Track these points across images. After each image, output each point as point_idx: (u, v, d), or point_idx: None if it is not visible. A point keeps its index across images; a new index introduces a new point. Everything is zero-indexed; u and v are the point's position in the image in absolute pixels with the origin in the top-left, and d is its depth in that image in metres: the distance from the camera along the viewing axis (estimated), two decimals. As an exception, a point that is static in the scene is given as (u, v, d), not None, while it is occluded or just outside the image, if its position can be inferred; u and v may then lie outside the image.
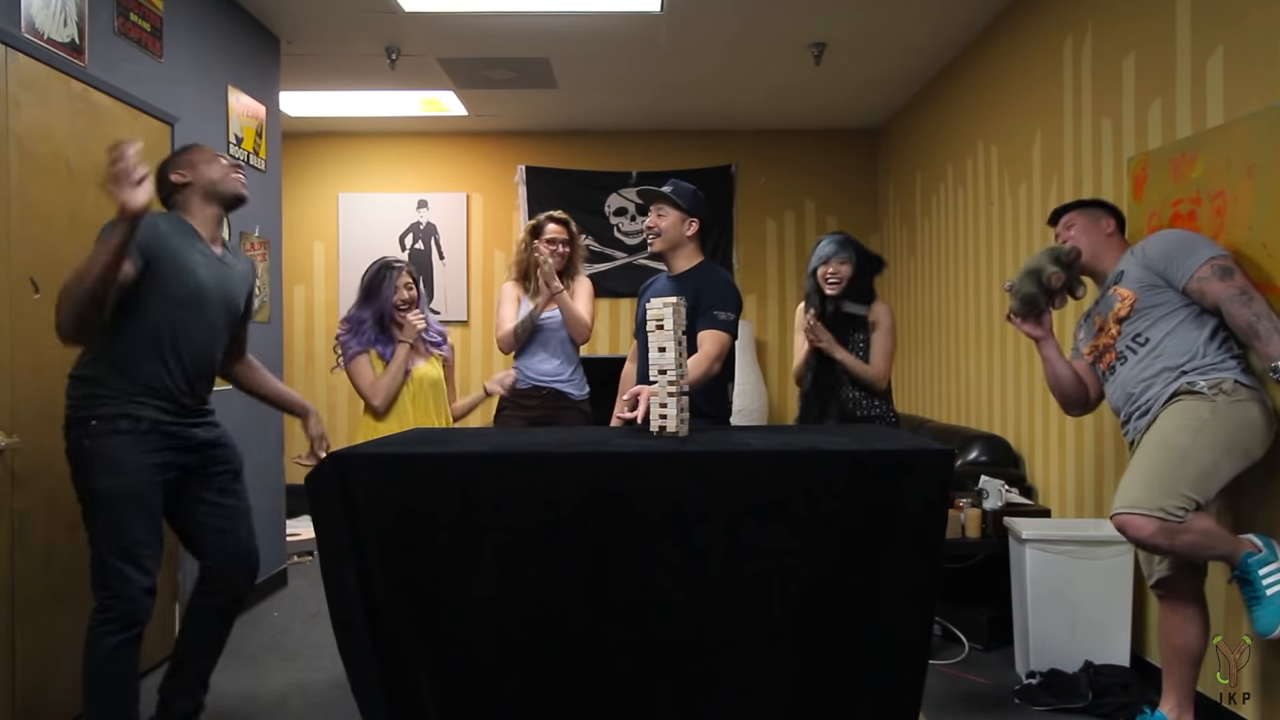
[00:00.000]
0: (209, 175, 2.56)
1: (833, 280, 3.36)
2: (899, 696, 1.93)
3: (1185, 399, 2.47)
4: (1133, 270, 2.65)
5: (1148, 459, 2.45)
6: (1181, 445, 2.40)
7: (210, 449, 2.62)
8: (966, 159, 4.96)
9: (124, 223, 2.15)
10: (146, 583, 2.41)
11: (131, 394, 2.40)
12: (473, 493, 1.91)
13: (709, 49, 4.98)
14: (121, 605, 2.37)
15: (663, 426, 2.18)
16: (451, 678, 1.94)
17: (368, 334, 3.28)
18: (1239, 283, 2.46)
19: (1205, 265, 2.50)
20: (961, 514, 3.63)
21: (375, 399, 3.21)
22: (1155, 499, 2.36)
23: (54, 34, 2.91)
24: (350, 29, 4.64)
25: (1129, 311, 2.62)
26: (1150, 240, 2.68)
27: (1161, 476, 2.39)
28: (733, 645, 1.92)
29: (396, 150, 6.74)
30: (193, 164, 2.56)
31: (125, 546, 2.37)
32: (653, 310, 2.17)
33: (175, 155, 2.62)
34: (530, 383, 3.70)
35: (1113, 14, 3.44)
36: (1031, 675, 3.19)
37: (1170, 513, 2.34)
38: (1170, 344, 2.54)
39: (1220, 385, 2.44)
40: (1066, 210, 2.90)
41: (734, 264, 6.75)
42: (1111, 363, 2.70)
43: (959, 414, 5.10)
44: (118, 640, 2.36)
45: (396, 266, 3.35)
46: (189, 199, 2.56)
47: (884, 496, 1.87)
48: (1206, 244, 2.57)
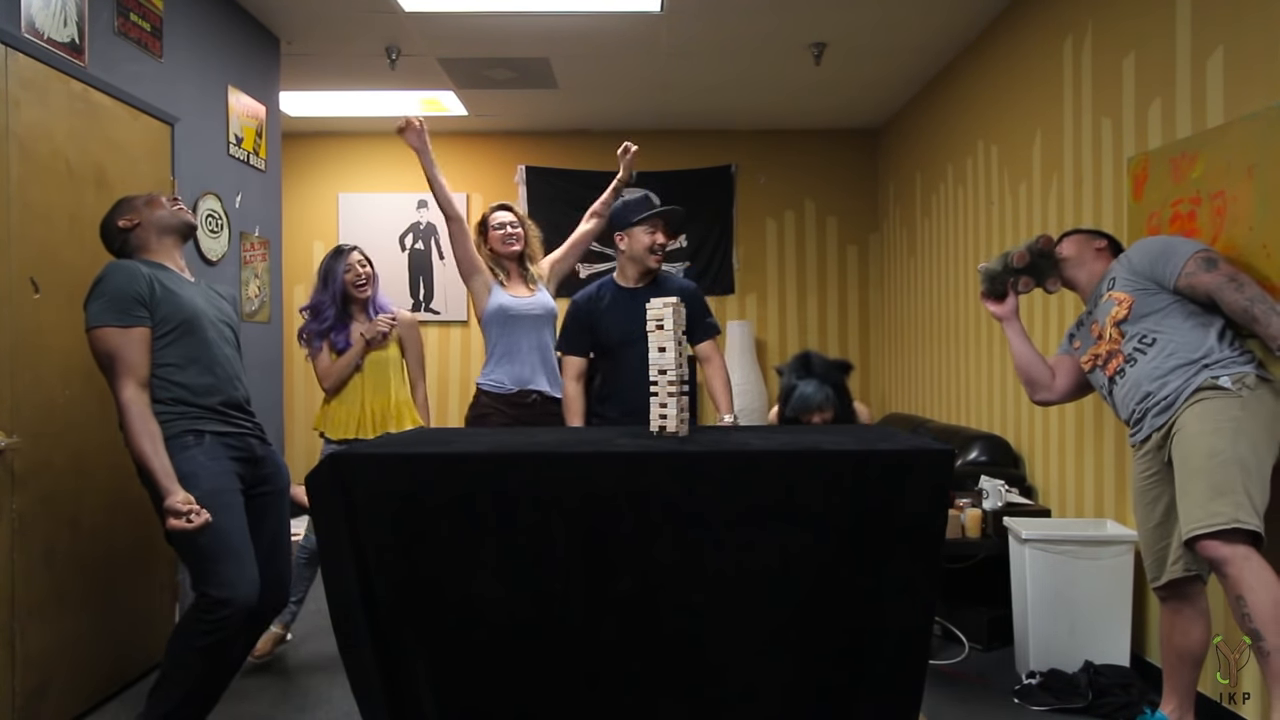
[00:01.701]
0: (154, 215, 2.60)
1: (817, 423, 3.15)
2: (899, 696, 1.93)
3: (1210, 397, 2.41)
4: (1123, 275, 2.66)
5: (1200, 473, 2.34)
6: (1225, 451, 2.32)
7: (261, 466, 2.67)
8: (966, 159, 4.96)
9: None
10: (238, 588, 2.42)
11: (185, 413, 2.48)
12: (473, 493, 1.91)
13: (709, 49, 4.98)
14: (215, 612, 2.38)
15: (663, 426, 2.18)
16: (451, 677, 1.94)
17: (327, 316, 3.55)
18: (1226, 270, 2.46)
19: (1190, 260, 2.51)
20: (961, 514, 3.63)
21: (325, 382, 3.60)
22: (1229, 511, 2.26)
23: (54, 34, 2.91)
24: (350, 29, 4.64)
25: (1127, 314, 2.61)
26: (1133, 249, 2.70)
27: (1220, 488, 2.29)
28: (732, 645, 1.92)
29: (396, 150, 6.73)
30: (135, 208, 2.60)
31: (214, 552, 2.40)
32: (653, 310, 2.17)
33: (114, 207, 2.64)
34: (517, 387, 3.40)
35: (1113, 14, 3.44)
36: (1031, 675, 3.19)
37: (1245, 521, 2.24)
38: (1182, 339, 2.52)
39: (1244, 380, 2.39)
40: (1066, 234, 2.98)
41: (734, 264, 6.75)
42: (1120, 366, 2.63)
43: (959, 414, 5.10)
44: (207, 641, 2.39)
45: (345, 249, 3.62)
46: (144, 238, 2.59)
47: (884, 496, 1.87)
48: (1186, 242, 2.59)
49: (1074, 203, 3.73)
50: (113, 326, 2.38)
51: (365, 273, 3.59)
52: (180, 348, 2.50)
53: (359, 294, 3.59)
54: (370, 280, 3.61)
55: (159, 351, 2.46)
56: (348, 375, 3.56)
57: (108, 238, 2.61)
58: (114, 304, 2.39)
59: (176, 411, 2.47)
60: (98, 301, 2.40)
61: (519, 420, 3.39)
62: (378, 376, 3.61)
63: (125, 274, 2.44)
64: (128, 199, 2.66)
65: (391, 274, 6.72)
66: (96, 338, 2.40)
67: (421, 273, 6.76)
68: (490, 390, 3.41)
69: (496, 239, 3.46)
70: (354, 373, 3.56)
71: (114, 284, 2.41)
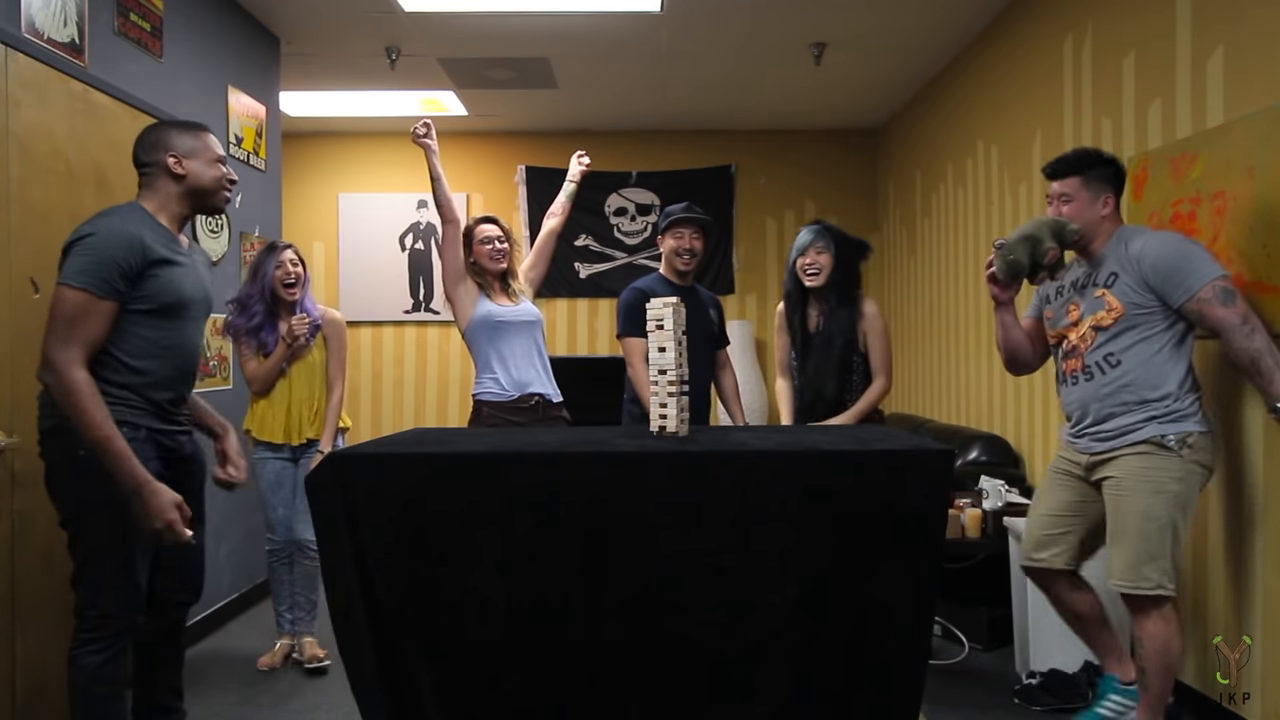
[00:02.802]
0: (202, 180, 2.37)
1: (811, 271, 3.24)
2: (899, 696, 1.93)
3: (1153, 453, 2.50)
4: (1126, 279, 2.54)
5: (1134, 535, 2.51)
6: (1162, 517, 2.49)
7: (189, 463, 2.47)
8: (966, 159, 4.96)
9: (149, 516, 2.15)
10: (140, 597, 2.29)
11: (129, 401, 2.26)
12: (473, 492, 1.91)
13: (709, 49, 4.98)
14: (115, 623, 2.23)
15: (663, 426, 2.18)
16: (452, 677, 1.94)
17: (255, 311, 3.45)
18: (1241, 310, 2.39)
19: (1207, 286, 2.41)
20: (961, 514, 3.63)
21: (252, 386, 3.52)
22: (1155, 577, 2.49)
23: (54, 34, 2.90)
24: (350, 29, 4.64)
25: (1111, 324, 2.55)
26: (1150, 246, 2.52)
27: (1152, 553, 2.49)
28: (733, 645, 1.92)
29: (396, 150, 6.74)
30: (194, 154, 2.35)
31: (124, 559, 2.23)
32: (653, 310, 2.17)
33: (178, 131, 2.37)
34: (518, 391, 3.30)
35: (1113, 14, 3.44)
36: (1031, 675, 3.19)
37: (1166, 587, 2.49)
38: (1143, 374, 2.51)
39: (1186, 440, 2.49)
40: (1067, 169, 2.70)
41: (734, 264, 6.75)
42: (1075, 371, 2.65)
43: (959, 414, 5.10)
44: (104, 658, 2.22)
45: (280, 247, 3.51)
46: (166, 187, 2.33)
47: (884, 496, 1.87)
48: (1207, 260, 2.47)
49: (1074, 203, 3.73)
50: (88, 292, 2.12)
51: (296, 272, 3.45)
52: (154, 331, 2.27)
53: (287, 294, 3.44)
54: (300, 282, 3.46)
55: (129, 329, 2.23)
56: (274, 379, 3.47)
57: (143, 152, 2.34)
58: (99, 268, 2.13)
59: (119, 397, 2.22)
60: (84, 257, 2.14)
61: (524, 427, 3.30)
62: (304, 380, 3.51)
63: (122, 240, 2.18)
64: (196, 132, 2.39)
65: (391, 274, 6.72)
66: (66, 296, 2.12)
67: (421, 273, 6.76)
68: (490, 399, 3.29)
69: (483, 254, 3.37)
70: (279, 376, 3.47)
71: (107, 247, 2.16)
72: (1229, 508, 2.77)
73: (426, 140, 3.28)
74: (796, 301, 3.33)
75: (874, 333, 3.27)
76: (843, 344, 3.24)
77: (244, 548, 4.24)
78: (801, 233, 3.32)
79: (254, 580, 4.34)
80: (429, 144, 3.28)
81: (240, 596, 4.19)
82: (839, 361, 3.24)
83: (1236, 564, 2.75)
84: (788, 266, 3.34)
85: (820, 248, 3.25)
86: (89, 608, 2.23)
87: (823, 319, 3.28)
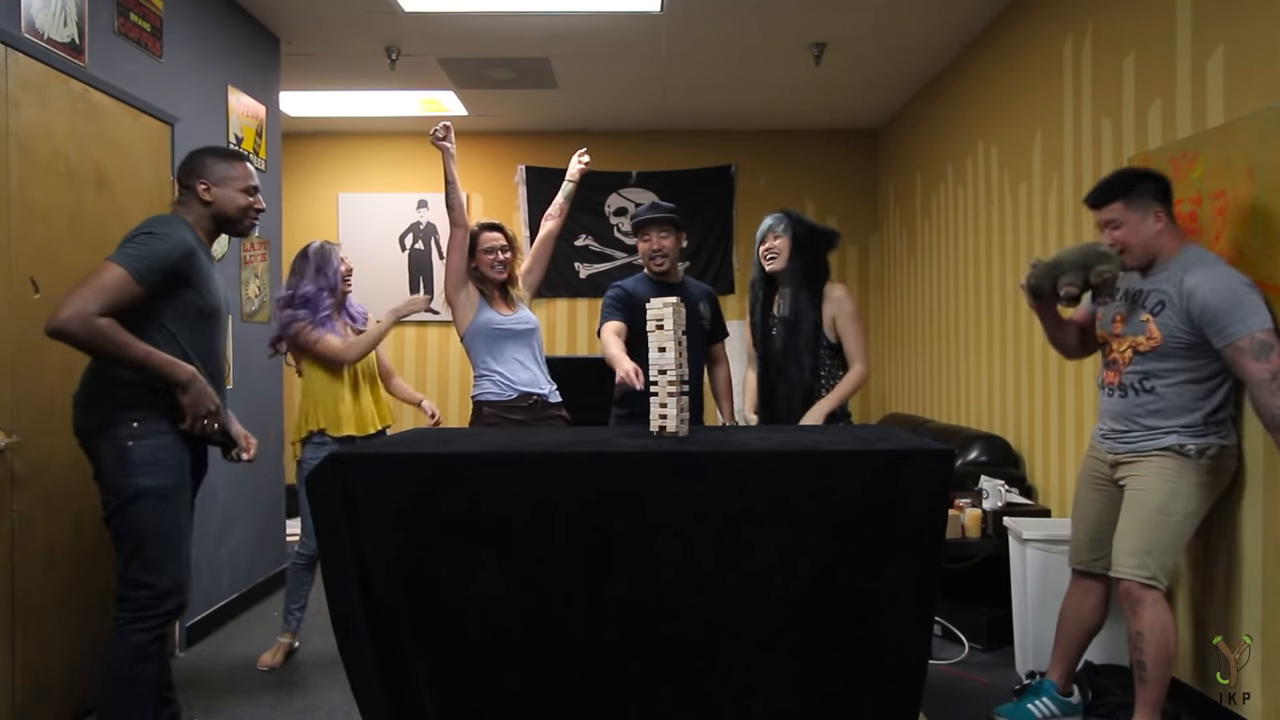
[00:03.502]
0: (226, 208, 2.54)
1: (770, 256, 3.22)
2: (899, 696, 1.93)
3: (1175, 459, 2.58)
4: (1172, 312, 2.55)
5: (1145, 525, 2.59)
6: (1175, 515, 2.57)
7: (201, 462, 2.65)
8: (966, 159, 4.96)
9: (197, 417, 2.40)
10: (189, 577, 2.48)
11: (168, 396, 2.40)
12: (473, 492, 1.91)
13: (709, 49, 4.98)
14: (168, 600, 2.38)
15: (663, 426, 2.18)
16: (451, 676, 1.94)
17: (326, 306, 3.47)
18: (1273, 365, 2.38)
19: (1248, 337, 2.41)
20: (961, 514, 3.63)
21: (349, 353, 3.46)
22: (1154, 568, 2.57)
23: (54, 34, 2.90)
24: (350, 29, 4.64)
25: (1150, 350, 2.61)
26: (1204, 286, 2.49)
27: (1158, 544, 2.57)
28: (733, 645, 1.92)
29: (396, 150, 6.74)
30: (224, 182, 2.54)
31: (174, 541, 2.41)
32: (653, 310, 2.17)
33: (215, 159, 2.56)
34: (517, 391, 3.32)
35: (1113, 14, 3.44)
36: (1031, 675, 3.18)
37: (1161, 581, 2.57)
38: (1174, 402, 2.59)
39: (1206, 451, 2.57)
40: (1108, 196, 2.66)
41: (734, 264, 6.75)
42: (1112, 384, 2.74)
43: (959, 414, 5.10)
44: (151, 637, 2.37)
45: (331, 244, 3.60)
46: (196, 208, 2.53)
47: (884, 496, 1.87)
48: (1255, 309, 2.43)
49: (1074, 203, 3.72)
50: (130, 273, 2.27)
51: (351, 268, 3.62)
52: (196, 337, 2.46)
53: (347, 288, 3.59)
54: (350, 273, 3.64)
55: (173, 336, 2.40)
56: (372, 349, 3.52)
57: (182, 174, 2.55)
58: (147, 258, 2.31)
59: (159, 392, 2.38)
60: (138, 246, 2.32)
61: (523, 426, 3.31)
62: (365, 373, 3.61)
63: (179, 244, 2.38)
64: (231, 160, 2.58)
65: (391, 274, 6.72)
66: (110, 268, 2.27)
67: (421, 273, 6.76)
68: (489, 400, 3.30)
69: (485, 263, 3.36)
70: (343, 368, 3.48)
71: (164, 245, 2.34)
72: (1229, 508, 2.77)
73: (445, 143, 3.30)
74: (760, 290, 3.32)
75: (844, 316, 3.20)
76: (808, 328, 3.17)
77: (244, 548, 4.24)
78: (764, 220, 3.32)
79: (254, 580, 4.34)
80: (447, 146, 3.31)
81: (240, 596, 4.18)
82: (805, 347, 3.17)
83: (1236, 564, 2.75)
84: (755, 256, 3.33)
85: (778, 232, 3.23)
86: (140, 589, 2.37)
87: (784, 304, 3.24)
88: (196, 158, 2.56)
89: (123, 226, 3.22)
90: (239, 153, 2.66)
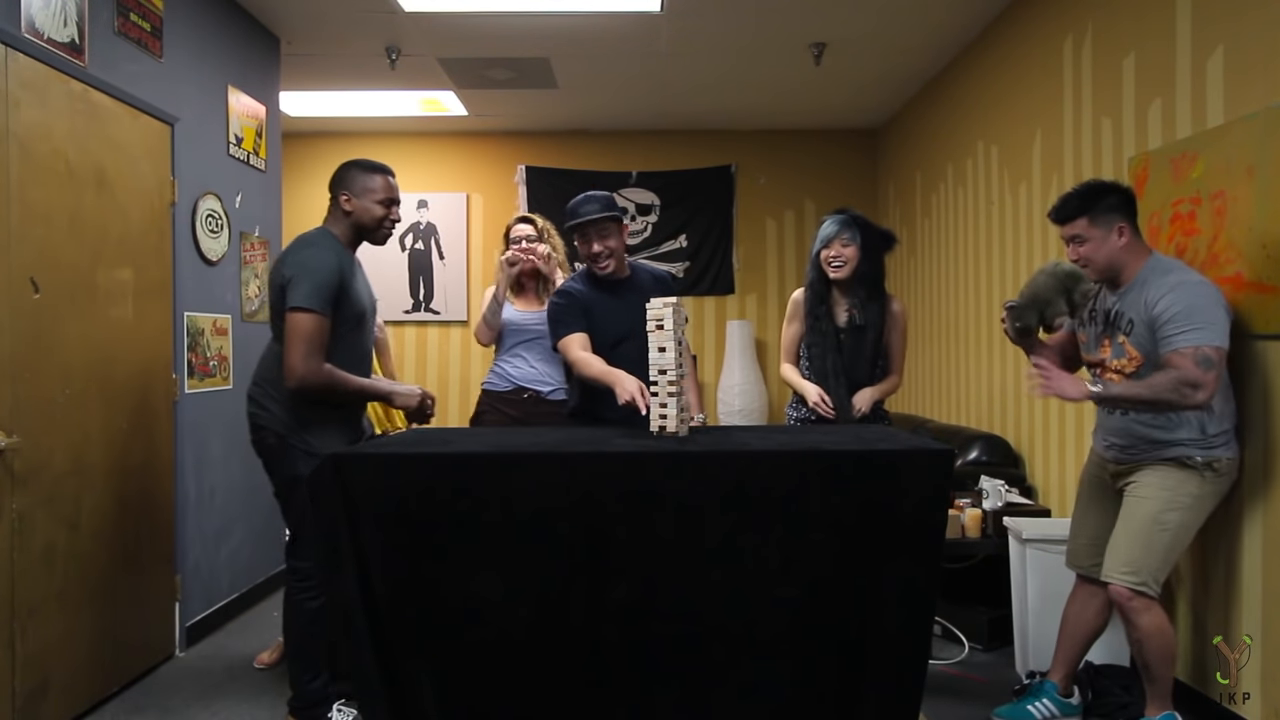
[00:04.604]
0: (363, 219, 2.71)
1: (837, 264, 3.15)
2: (899, 696, 1.93)
3: (1177, 469, 2.57)
4: (1140, 329, 2.53)
5: (1140, 533, 2.57)
6: (1171, 526, 2.55)
7: None
8: (966, 159, 4.96)
9: (405, 405, 2.75)
10: None
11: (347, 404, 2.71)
12: (472, 492, 1.91)
13: (709, 49, 4.98)
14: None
15: (663, 426, 2.18)
16: (451, 676, 1.94)
17: None
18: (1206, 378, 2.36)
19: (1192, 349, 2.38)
20: (961, 514, 3.63)
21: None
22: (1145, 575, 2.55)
23: (54, 34, 2.90)
24: (350, 29, 4.64)
25: (1135, 370, 2.58)
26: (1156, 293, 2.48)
27: (1152, 552, 2.55)
28: (732, 645, 1.92)
29: (396, 150, 6.74)
30: (364, 194, 2.70)
31: None
32: (653, 310, 2.18)
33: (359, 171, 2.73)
34: (512, 384, 3.52)
35: (1113, 14, 3.44)
36: (1031, 675, 3.18)
37: (1151, 589, 2.54)
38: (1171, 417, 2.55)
39: (1212, 464, 2.55)
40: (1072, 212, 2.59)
41: (734, 264, 6.75)
42: None
43: (959, 414, 5.10)
44: (320, 604, 2.61)
45: None
46: (340, 218, 2.73)
47: (884, 496, 1.88)
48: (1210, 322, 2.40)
49: (1074, 203, 3.73)
50: (318, 313, 2.51)
51: None
52: (350, 344, 2.67)
53: None
54: None
55: (342, 337, 2.62)
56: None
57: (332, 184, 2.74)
58: (321, 291, 2.53)
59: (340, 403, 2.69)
60: (309, 282, 2.52)
61: (515, 419, 3.49)
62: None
63: (329, 263, 2.58)
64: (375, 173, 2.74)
65: (391, 274, 6.72)
66: (304, 319, 2.50)
67: (421, 273, 6.76)
68: (487, 388, 3.59)
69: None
70: None
71: (323, 271, 2.55)
72: (1229, 509, 2.76)
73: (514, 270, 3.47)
74: (821, 292, 3.23)
75: (897, 331, 3.27)
76: (874, 336, 3.21)
77: (244, 548, 4.24)
78: (826, 222, 3.21)
79: (254, 580, 4.34)
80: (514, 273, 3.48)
81: (240, 596, 4.18)
82: (873, 354, 3.23)
83: (1236, 565, 2.75)
84: (811, 256, 3.26)
85: (846, 240, 3.15)
86: (304, 561, 2.65)
87: (855, 313, 3.20)
88: (343, 170, 2.74)
89: (123, 226, 3.25)
90: (381, 166, 2.78)
